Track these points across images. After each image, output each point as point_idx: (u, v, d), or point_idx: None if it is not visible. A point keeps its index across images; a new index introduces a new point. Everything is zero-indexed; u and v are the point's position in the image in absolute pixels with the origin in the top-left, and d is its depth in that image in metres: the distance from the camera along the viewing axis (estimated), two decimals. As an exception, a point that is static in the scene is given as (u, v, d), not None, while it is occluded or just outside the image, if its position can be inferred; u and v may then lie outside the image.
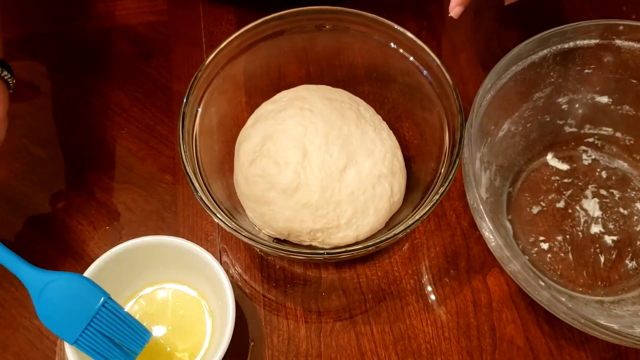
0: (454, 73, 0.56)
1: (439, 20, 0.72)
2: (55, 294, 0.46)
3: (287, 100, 0.59)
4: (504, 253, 0.48)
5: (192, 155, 0.53)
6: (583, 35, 0.57)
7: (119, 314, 0.47)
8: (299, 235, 0.55)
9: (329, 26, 0.59)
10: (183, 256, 0.51)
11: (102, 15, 0.71)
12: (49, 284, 0.46)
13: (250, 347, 0.54)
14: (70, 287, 0.47)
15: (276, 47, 0.60)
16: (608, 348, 0.55)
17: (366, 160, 0.55)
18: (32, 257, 0.57)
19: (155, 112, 0.65)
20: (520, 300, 0.56)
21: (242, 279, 0.57)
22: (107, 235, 0.59)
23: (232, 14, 0.71)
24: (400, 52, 0.58)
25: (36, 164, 0.62)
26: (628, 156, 0.63)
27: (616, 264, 0.59)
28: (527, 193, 0.62)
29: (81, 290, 0.47)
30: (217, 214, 0.50)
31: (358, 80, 0.62)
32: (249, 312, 0.56)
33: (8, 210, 0.59)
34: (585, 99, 0.61)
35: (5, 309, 0.55)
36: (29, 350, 0.54)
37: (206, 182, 0.53)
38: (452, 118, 0.54)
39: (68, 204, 0.60)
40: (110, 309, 0.46)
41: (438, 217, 0.60)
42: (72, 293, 0.46)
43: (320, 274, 0.57)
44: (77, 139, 0.64)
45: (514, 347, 0.55)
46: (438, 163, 0.55)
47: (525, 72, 0.56)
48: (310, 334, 0.55)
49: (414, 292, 0.57)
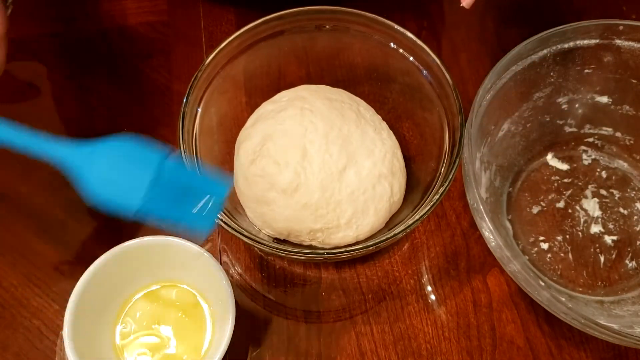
0: (454, 73, 0.56)
1: (439, 20, 0.72)
2: (102, 162, 0.40)
3: (287, 100, 0.59)
4: (504, 253, 0.48)
5: (192, 155, 0.53)
6: (583, 35, 0.57)
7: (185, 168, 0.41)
8: (298, 236, 0.55)
9: (329, 26, 0.59)
10: (183, 256, 0.51)
11: (102, 15, 0.71)
12: (93, 154, 0.40)
13: (250, 347, 0.54)
14: (119, 152, 0.41)
15: (276, 47, 0.60)
16: (608, 348, 0.55)
17: (366, 160, 0.55)
18: (31, 257, 0.57)
19: (155, 112, 0.65)
20: (520, 300, 0.56)
21: (242, 279, 0.57)
22: (107, 236, 0.59)
23: (232, 14, 0.71)
24: (400, 52, 0.58)
25: (36, 164, 0.62)
26: (628, 156, 0.63)
27: (616, 264, 0.59)
28: (527, 193, 0.62)
29: (133, 152, 0.41)
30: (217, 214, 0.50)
31: (358, 80, 0.62)
32: (249, 312, 0.56)
33: (8, 210, 0.59)
34: (585, 98, 0.61)
35: (5, 309, 0.55)
36: (29, 350, 0.54)
37: (206, 182, 0.53)
38: (452, 118, 0.54)
39: (68, 204, 0.60)
40: (175, 164, 0.41)
41: (438, 217, 0.60)
42: (122, 157, 0.40)
43: (320, 274, 0.57)
44: (77, 139, 0.63)
45: (514, 347, 0.55)
46: (438, 163, 0.55)
47: (525, 72, 0.56)
48: (310, 334, 0.55)
49: (414, 292, 0.57)
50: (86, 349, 0.48)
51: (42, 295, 0.56)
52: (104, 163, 0.40)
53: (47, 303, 0.55)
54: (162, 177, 0.40)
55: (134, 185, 0.39)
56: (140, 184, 0.39)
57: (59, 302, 0.55)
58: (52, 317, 0.55)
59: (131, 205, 0.40)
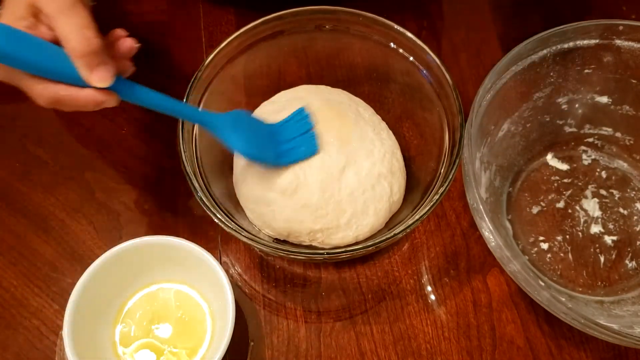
0: (454, 73, 0.56)
1: (439, 20, 0.72)
2: (240, 125, 0.52)
3: (286, 101, 0.59)
4: (503, 253, 0.48)
5: (192, 155, 0.53)
6: (583, 35, 0.57)
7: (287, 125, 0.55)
8: (298, 236, 0.55)
9: (329, 26, 0.59)
10: (183, 256, 0.51)
11: (102, 15, 0.71)
12: (231, 120, 0.51)
13: (250, 347, 0.54)
14: (244, 119, 0.53)
15: (276, 47, 0.60)
16: (608, 348, 0.55)
17: (365, 160, 0.55)
18: (31, 257, 0.57)
19: (155, 112, 0.65)
20: (520, 300, 0.56)
21: (242, 279, 0.57)
22: (106, 236, 0.59)
23: (232, 14, 0.71)
24: (400, 52, 0.58)
25: (36, 164, 0.62)
26: (628, 156, 0.63)
27: (616, 264, 0.59)
28: (527, 193, 0.62)
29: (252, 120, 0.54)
30: (217, 214, 0.50)
31: (358, 80, 0.62)
32: (249, 312, 0.56)
33: (8, 210, 0.59)
34: (585, 99, 0.61)
35: (5, 309, 0.55)
36: (29, 350, 0.54)
37: (206, 182, 0.53)
38: (452, 118, 0.54)
39: (68, 204, 0.60)
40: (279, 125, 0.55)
41: (438, 217, 0.60)
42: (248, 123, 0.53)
43: (320, 274, 0.57)
44: (77, 139, 0.63)
45: (513, 347, 0.55)
46: (438, 163, 0.55)
47: (525, 72, 0.56)
48: (310, 334, 0.55)
49: (413, 292, 0.57)
50: (86, 349, 0.48)
51: (42, 295, 0.56)
52: (242, 127, 0.52)
53: (47, 303, 0.55)
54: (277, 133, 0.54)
55: (265, 142, 0.53)
56: (269, 140, 0.53)
57: (59, 302, 0.55)
58: (52, 317, 0.55)
59: (267, 156, 0.52)
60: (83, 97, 0.43)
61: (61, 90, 0.42)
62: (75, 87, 0.43)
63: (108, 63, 0.43)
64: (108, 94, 0.44)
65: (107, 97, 0.44)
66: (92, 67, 0.42)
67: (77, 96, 0.43)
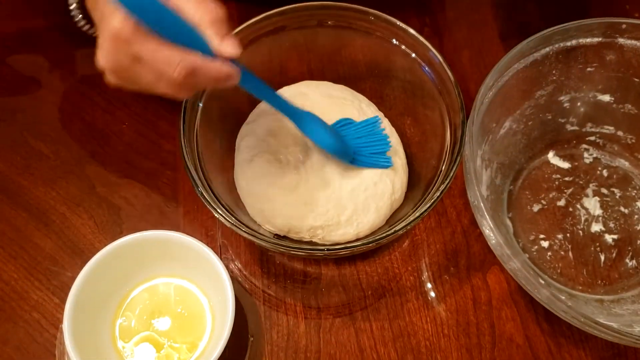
0: (456, 70, 0.55)
1: (441, 17, 0.72)
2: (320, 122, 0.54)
3: (288, 96, 0.58)
4: (504, 251, 0.48)
5: (193, 150, 0.53)
6: (585, 33, 0.56)
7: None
8: (299, 232, 0.55)
9: (331, 22, 0.59)
10: (183, 251, 0.51)
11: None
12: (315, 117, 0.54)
13: (250, 343, 0.54)
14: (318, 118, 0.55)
15: (278, 43, 0.60)
16: (607, 346, 0.55)
17: (367, 157, 0.55)
18: (32, 251, 0.57)
19: (156, 106, 0.65)
20: (520, 298, 0.56)
21: (242, 274, 0.57)
22: (107, 230, 0.59)
23: (233, 9, 0.70)
24: (402, 48, 0.58)
25: (37, 157, 0.62)
26: (629, 155, 0.63)
27: (616, 262, 0.59)
28: (528, 191, 0.62)
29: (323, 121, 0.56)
30: (218, 209, 0.50)
31: (360, 76, 0.62)
32: (249, 308, 0.56)
33: (9, 203, 0.60)
34: (587, 97, 0.61)
35: (5, 302, 0.55)
36: (29, 343, 0.54)
37: (207, 177, 0.53)
38: (454, 115, 0.54)
39: (69, 198, 0.60)
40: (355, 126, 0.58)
41: (438, 215, 0.60)
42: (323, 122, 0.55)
43: (320, 270, 0.57)
44: (78, 133, 0.63)
45: (513, 345, 0.55)
46: (439, 160, 0.55)
47: (528, 70, 0.56)
48: (310, 330, 0.55)
49: (413, 289, 0.57)
50: (86, 342, 0.48)
51: (42, 288, 0.56)
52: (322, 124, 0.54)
53: (47, 296, 0.56)
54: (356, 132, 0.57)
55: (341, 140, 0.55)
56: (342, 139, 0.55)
57: (59, 296, 0.55)
58: (52, 311, 0.55)
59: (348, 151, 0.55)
60: (214, 68, 0.42)
61: (198, 60, 0.42)
62: (207, 57, 0.42)
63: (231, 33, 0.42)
64: (233, 66, 0.43)
65: (233, 70, 0.43)
66: (221, 35, 0.42)
67: (211, 66, 0.42)
